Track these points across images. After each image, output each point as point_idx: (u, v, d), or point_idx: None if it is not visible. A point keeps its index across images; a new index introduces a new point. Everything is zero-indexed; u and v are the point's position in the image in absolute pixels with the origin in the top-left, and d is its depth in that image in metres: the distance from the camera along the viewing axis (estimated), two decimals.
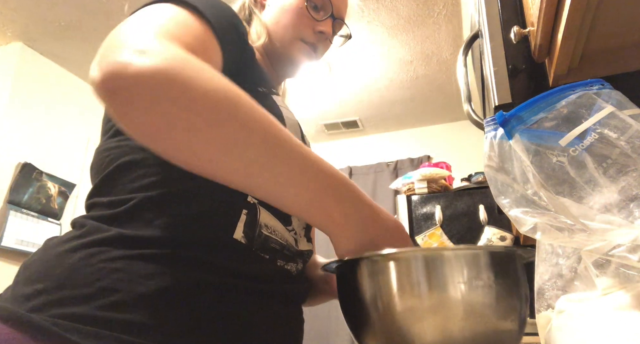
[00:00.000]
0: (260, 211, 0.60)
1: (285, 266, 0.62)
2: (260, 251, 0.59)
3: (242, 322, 0.55)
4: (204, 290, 0.52)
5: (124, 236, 0.53)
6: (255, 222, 0.59)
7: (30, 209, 2.83)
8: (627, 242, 0.38)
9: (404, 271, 0.47)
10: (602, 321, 0.38)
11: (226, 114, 0.43)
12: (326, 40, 0.83)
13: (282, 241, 0.62)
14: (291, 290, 0.63)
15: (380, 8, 2.64)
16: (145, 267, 0.51)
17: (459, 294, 0.45)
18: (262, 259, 0.59)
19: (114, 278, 0.49)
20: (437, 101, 3.68)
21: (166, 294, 0.50)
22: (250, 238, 0.57)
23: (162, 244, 0.53)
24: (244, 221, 0.57)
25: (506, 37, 0.76)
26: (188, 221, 0.55)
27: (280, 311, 0.61)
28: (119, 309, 0.48)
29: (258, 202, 0.60)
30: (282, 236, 0.63)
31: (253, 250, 0.58)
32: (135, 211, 0.54)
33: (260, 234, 0.59)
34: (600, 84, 0.46)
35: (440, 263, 0.46)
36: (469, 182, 2.56)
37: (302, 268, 0.68)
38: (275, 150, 0.45)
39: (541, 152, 0.44)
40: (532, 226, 0.44)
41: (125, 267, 0.50)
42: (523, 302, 0.49)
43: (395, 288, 0.47)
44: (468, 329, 0.44)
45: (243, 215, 0.58)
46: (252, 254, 0.58)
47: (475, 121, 0.90)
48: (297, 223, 0.68)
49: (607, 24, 0.59)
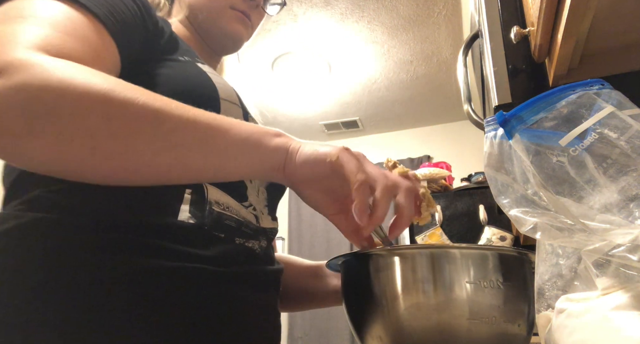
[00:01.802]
0: (207, 189, 0.55)
1: (246, 244, 0.58)
2: (213, 229, 0.54)
3: (202, 309, 0.50)
4: (155, 276, 0.47)
5: (50, 223, 0.47)
6: (203, 200, 0.54)
7: None
8: (627, 242, 0.38)
9: (410, 268, 0.47)
10: (602, 321, 0.38)
11: (105, 115, 0.40)
12: (257, 7, 0.76)
13: (239, 217, 0.58)
14: (258, 272, 0.59)
15: (380, 8, 2.64)
16: (82, 255, 0.46)
17: (465, 293, 0.45)
18: (217, 238, 0.54)
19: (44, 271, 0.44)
20: (437, 101, 3.68)
21: (109, 283, 0.45)
22: (199, 217, 0.53)
23: (100, 230, 0.48)
24: (188, 201, 0.53)
25: (506, 37, 0.77)
26: (125, 206, 0.50)
27: (248, 297, 0.56)
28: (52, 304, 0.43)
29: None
30: (237, 213, 0.58)
31: (205, 229, 0.53)
32: (59, 199, 0.49)
33: (211, 211, 0.54)
34: (600, 84, 0.46)
35: (452, 260, 0.46)
36: (469, 182, 2.56)
37: (267, 246, 0.63)
38: (180, 132, 0.44)
39: (541, 152, 0.44)
40: (532, 226, 0.44)
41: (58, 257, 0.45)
42: (532, 307, 0.49)
43: (400, 285, 0.47)
44: (474, 330, 0.44)
45: (187, 195, 0.53)
46: (205, 234, 0.53)
47: (475, 121, 0.90)
48: (255, 199, 0.63)
49: (607, 24, 0.59)
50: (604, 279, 0.40)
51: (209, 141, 0.45)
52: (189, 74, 0.58)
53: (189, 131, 0.44)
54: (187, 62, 0.61)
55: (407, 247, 0.51)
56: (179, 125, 0.44)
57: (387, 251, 0.50)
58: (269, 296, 0.61)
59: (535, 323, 0.49)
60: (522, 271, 0.50)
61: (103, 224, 0.48)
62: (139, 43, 0.56)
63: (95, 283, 0.45)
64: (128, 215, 0.50)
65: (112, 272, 0.46)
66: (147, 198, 0.51)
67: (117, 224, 0.49)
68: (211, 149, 0.46)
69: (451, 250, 0.47)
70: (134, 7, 0.54)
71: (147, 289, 0.47)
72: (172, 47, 0.61)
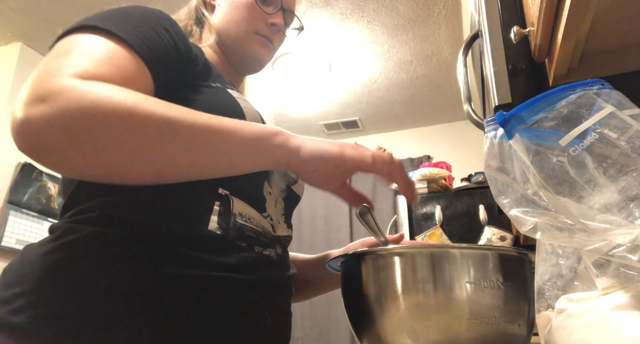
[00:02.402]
0: (233, 201, 0.62)
1: (264, 252, 0.64)
2: (236, 239, 0.60)
3: (226, 314, 0.56)
4: (185, 284, 0.53)
5: (99, 235, 0.54)
6: (229, 213, 0.60)
7: (30, 209, 2.83)
8: (627, 242, 0.38)
9: (410, 268, 0.47)
10: (602, 321, 0.38)
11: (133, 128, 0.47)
12: (279, 32, 0.86)
13: (258, 228, 0.64)
14: (275, 278, 0.64)
15: (380, 8, 2.64)
16: (122, 264, 0.52)
17: (465, 293, 0.45)
18: (239, 247, 0.60)
19: (91, 277, 0.51)
20: (437, 101, 3.67)
21: (145, 290, 0.51)
22: (224, 228, 0.59)
23: (139, 241, 0.54)
24: (217, 213, 0.59)
25: (506, 37, 0.76)
26: (160, 218, 0.56)
27: (265, 302, 0.62)
28: (97, 307, 0.49)
29: (230, 193, 0.62)
30: (257, 223, 0.64)
31: (229, 239, 0.59)
32: (107, 212, 0.56)
33: (235, 223, 0.60)
34: (600, 84, 0.46)
35: (452, 260, 0.46)
36: (469, 182, 2.56)
37: (282, 253, 0.69)
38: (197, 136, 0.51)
39: (541, 152, 0.44)
40: (532, 226, 0.44)
41: (103, 266, 0.52)
42: (532, 307, 0.48)
43: (400, 285, 0.47)
44: (474, 330, 0.44)
45: (215, 207, 0.60)
46: (229, 244, 0.59)
47: (475, 121, 0.90)
48: (273, 209, 0.69)
49: (607, 24, 0.59)
50: (604, 279, 0.40)
51: (219, 144, 0.52)
52: (220, 100, 0.65)
53: (201, 136, 0.51)
54: (219, 88, 0.67)
55: (407, 247, 0.51)
56: (192, 131, 0.51)
57: (387, 251, 0.50)
58: (283, 300, 0.67)
59: (535, 323, 0.49)
60: (522, 271, 0.50)
61: (142, 236, 0.54)
62: (174, 70, 0.61)
63: (133, 290, 0.51)
64: (165, 226, 0.56)
65: (149, 280, 0.52)
66: (181, 209, 0.58)
67: (155, 236, 0.55)
68: (221, 150, 0.53)
69: (451, 250, 0.47)
70: (168, 38, 0.61)
71: (179, 296, 0.53)
72: (206, 73, 0.68)
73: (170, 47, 0.61)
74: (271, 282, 0.63)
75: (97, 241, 0.54)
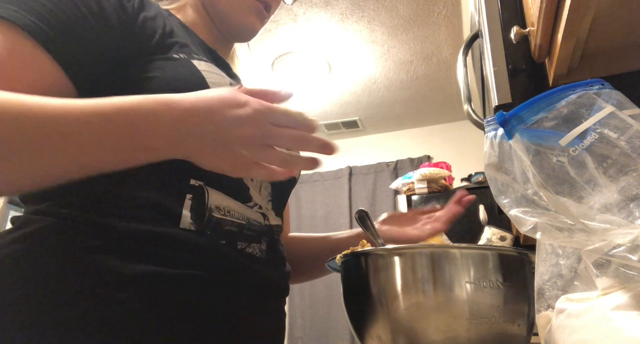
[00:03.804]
0: (208, 193, 0.54)
1: (246, 249, 0.57)
2: (214, 236, 0.54)
3: (202, 316, 0.50)
4: (158, 283, 0.48)
5: (58, 227, 0.48)
6: (203, 206, 0.54)
7: None
8: (627, 242, 0.38)
9: (410, 267, 0.47)
10: (602, 321, 0.38)
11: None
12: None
13: (241, 220, 0.57)
14: (260, 277, 0.58)
15: (380, 8, 2.64)
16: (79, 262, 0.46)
17: (465, 293, 0.45)
18: (218, 245, 0.54)
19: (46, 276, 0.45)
20: (437, 101, 3.67)
21: (104, 291, 0.46)
22: (199, 224, 0.53)
23: (101, 236, 0.48)
24: (189, 207, 0.52)
25: (506, 37, 0.76)
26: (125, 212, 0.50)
27: (249, 304, 0.56)
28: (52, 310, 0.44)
29: (205, 184, 0.54)
30: (240, 216, 0.57)
31: (207, 235, 0.53)
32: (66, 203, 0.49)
33: (210, 219, 0.54)
34: (600, 84, 0.46)
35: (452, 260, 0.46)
36: (469, 182, 2.56)
37: (270, 247, 0.62)
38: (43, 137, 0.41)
39: (541, 152, 0.44)
40: (532, 226, 0.44)
41: (63, 260, 0.46)
42: (532, 307, 0.48)
43: (400, 285, 0.47)
44: (474, 330, 0.44)
45: (187, 200, 0.53)
46: (205, 241, 0.53)
47: (475, 121, 0.90)
48: (258, 197, 0.62)
49: (607, 23, 0.59)
50: (604, 279, 0.40)
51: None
52: (181, 76, 0.56)
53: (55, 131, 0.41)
54: (181, 60, 0.57)
55: (407, 247, 0.51)
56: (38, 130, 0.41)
57: (387, 251, 0.50)
58: (272, 300, 0.62)
59: (535, 323, 0.49)
60: (522, 271, 0.50)
61: (106, 231, 0.48)
62: (107, 47, 0.52)
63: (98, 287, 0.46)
64: (132, 221, 0.49)
65: (116, 277, 0.47)
66: (149, 204, 0.51)
67: (121, 231, 0.49)
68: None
69: (451, 250, 0.47)
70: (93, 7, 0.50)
71: (149, 295, 0.48)
72: (166, 44, 0.58)
73: (97, 25, 0.51)
74: (254, 281, 0.58)
75: (54, 233, 0.48)
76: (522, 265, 0.50)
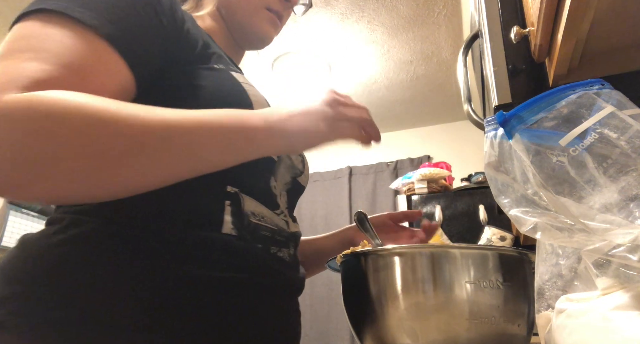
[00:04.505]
0: (243, 199, 0.57)
1: (278, 253, 0.60)
2: (252, 241, 0.56)
3: (242, 316, 0.53)
4: (206, 285, 0.51)
5: (106, 230, 0.49)
6: (242, 212, 0.56)
7: (30, 209, 2.83)
8: (627, 242, 0.38)
9: (410, 267, 0.47)
10: (602, 321, 0.38)
11: (96, 140, 0.40)
12: (290, 8, 0.78)
13: (273, 226, 0.61)
14: (287, 281, 0.62)
15: (380, 8, 2.64)
16: (134, 265, 0.48)
17: (465, 293, 0.45)
18: (255, 248, 0.57)
19: (102, 278, 0.47)
20: (437, 101, 3.67)
21: (161, 293, 0.48)
22: (239, 229, 0.55)
23: (150, 239, 0.50)
24: (229, 213, 0.55)
25: (506, 37, 0.76)
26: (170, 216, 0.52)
27: (280, 305, 0.59)
28: (110, 311, 0.46)
29: (239, 191, 0.57)
30: (271, 221, 0.61)
31: (246, 240, 0.56)
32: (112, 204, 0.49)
33: (249, 224, 0.57)
34: (600, 84, 0.46)
35: (452, 260, 0.46)
36: (469, 182, 2.56)
37: (294, 253, 0.66)
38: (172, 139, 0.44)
39: (541, 152, 0.44)
40: (532, 226, 0.44)
41: (115, 264, 0.48)
42: (532, 307, 0.48)
43: (400, 285, 0.47)
44: (474, 330, 0.44)
45: (227, 207, 0.55)
46: (245, 245, 0.55)
47: (475, 121, 0.90)
48: (283, 205, 0.65)
49: (607, 23, 0.59)
50: (604, 279, 0.40)
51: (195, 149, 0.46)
52: (225, 87, 0.59)
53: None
54: (222, 71, 0.60)
55: (407, 247, 0.51)
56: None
57: (387, 251, 0.50)
58: (295, 301, 0.66)
59: (535, 323, 0.49)
60: (522, 271, 0.50)
61: (158, 235, 0.50)
62: (161, 56, 0.54)
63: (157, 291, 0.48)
64: (177, 227, 0.52)
65: (173, 282, 0.49)
66: (194, 209, 0.53)
67: (167, 235, 0.51)
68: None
69: (451, 250, 0.47)
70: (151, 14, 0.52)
71: (203, 298, 0.50)
72: (206, 54, 0.60)
73: (154, 28, 0.52)
74: (285, 284, 0.61)
75: (106, 236, 0.49)
76: (522, 265, 0.50)
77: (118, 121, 0.41)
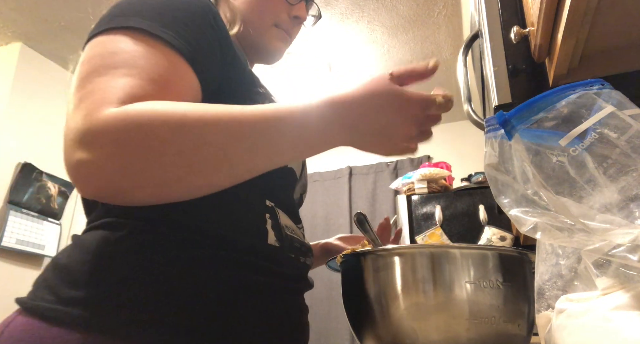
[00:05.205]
0: (279, 213, 0.62)
1: (305, 261, 0.66)
2: (288, 251, 0.61)
3: (281, 318, 0.57)
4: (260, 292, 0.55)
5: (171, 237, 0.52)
6: (279, 224, 0.61)
7: (30, 209, 2.83)
8: (627, 242, 0.38)
9: (410, 268, 0.47)
10: (602, 321, 0.38)
11: (197, 148, 0.45)
12: (300, 24, 0.81)
13: (299, 238, 0.66)
14: (308, 285, 0.68)
15: (380, 8, 2.64)
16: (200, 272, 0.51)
17: (465, 293, 0.45)
18: (290, 258, 0.62)
19: (173, 283, 0.50)
20: None
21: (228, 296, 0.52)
22: (281, 240, 0.60)
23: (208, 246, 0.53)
24: (270, 225, 0.60)
25: (506, 37, 0.76)
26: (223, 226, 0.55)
27: (302, 306, 0.65)
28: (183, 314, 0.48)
29: (275, 205, 0.62)
30: (297, 234, 0.66)
31: (285, 250, 0.61)
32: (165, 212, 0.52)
33: (286, 236, 0.62)
34: (600, 84, 0.46)
35: (452, 260, 0.46)
36: (469, 182, 2.56)
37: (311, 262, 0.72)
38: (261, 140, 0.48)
39: (541, 152, 0.44)
40: (532, 226, 0.44)
41: (183, 271, 0.50)
42: (532, 307, 0.48)
43: (400, 285, 0.47)
44: (474, 330, 0.44)
45: (268, 219, 0.60)
46: (284, 255, 0.61)
47: (475, 121, 0.90)
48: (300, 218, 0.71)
49: (607, 23, 0.59)
50: (604, 279, 0.40)
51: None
52: None
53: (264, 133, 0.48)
54: (266, 95, 0.65)
55: (407, 247, 0.51)
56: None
57: (387, 251, 0.50)
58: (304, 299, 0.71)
59: (535, 323, 0.49)
60: (522, 271, 0.50)
61: (212, 242, 0.53)
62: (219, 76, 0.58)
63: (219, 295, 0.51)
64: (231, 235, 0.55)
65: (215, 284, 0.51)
66: (241, 221, 0.57)
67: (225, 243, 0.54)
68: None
69: (451, 250, 0.47)
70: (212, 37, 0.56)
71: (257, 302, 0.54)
72: (253, 77, 0.65)
73: (215, 49, 0.56)
74: (307, 287, 0.67)
75: (173, 243, 0.52)
76: (522, 265, 0.50)
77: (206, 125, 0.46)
